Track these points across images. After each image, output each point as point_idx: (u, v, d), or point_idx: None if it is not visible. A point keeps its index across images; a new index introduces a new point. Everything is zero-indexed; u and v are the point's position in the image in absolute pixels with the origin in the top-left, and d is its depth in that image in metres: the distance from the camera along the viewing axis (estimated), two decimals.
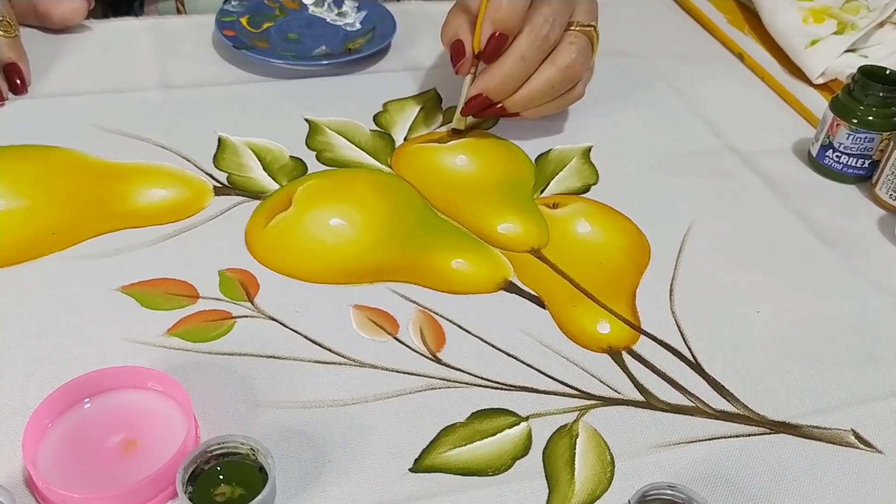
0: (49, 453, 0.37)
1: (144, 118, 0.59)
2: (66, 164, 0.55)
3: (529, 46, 0.54)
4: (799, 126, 0.67)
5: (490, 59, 0.55)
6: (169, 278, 0.47)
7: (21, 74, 0.60)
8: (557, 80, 0.56)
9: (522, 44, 0.54)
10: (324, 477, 0.38)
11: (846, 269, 0.53)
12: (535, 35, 0.54)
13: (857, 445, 0.42)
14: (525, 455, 0.40)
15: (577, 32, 0.56)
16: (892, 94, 0.57)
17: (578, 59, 0.56)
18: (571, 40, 0.56)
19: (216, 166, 0.56)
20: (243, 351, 0.43)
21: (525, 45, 0.54)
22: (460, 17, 0.57)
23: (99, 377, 0.39)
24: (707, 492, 0.39)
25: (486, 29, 0.54)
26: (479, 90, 0.56)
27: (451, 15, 0.58)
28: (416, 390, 0.42)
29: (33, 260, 0.47)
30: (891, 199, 0.57)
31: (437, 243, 0.51)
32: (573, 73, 0.56)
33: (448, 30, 0.57)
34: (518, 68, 0.55)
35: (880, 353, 0.47)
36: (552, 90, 0.56)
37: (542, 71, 0.56)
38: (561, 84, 0.56)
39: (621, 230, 0.54)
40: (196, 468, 0.36)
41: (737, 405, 0.43)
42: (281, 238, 0.51)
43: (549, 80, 0.56)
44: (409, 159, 0.58)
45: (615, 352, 0.46)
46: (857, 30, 0.70)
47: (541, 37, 0.54)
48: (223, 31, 0.67)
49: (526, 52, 0.54)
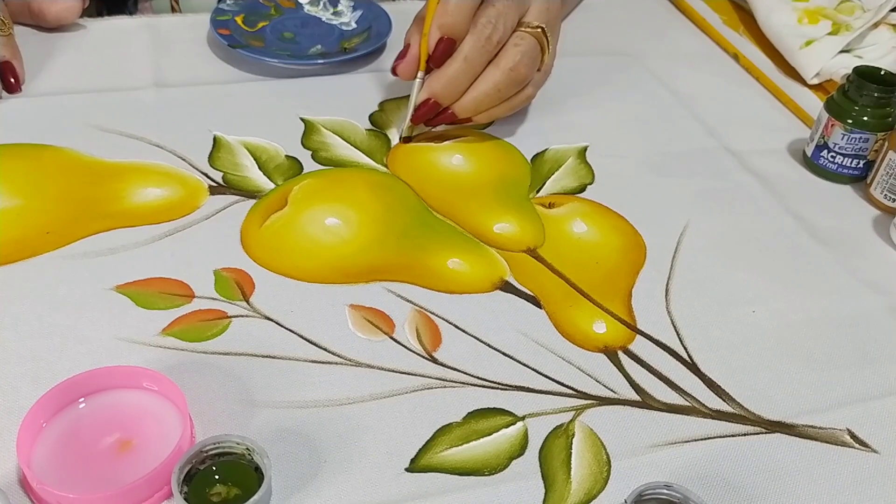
0: (44, 453, 0.37)
1: (139, 117, 0.59)
2: (60, 162, 0.54)
3: (472, 48, 0.54)
4: (794, 126, 0.67)
5: (438, 63, 0.56)
6: (164, 278, 0.47)
7: (15, 73, 0.60)
8: (502, 83, 0.55)
9: (466, 46, 0.54)
10: (320, 477, 0.38)
11: (841, 269, 0.53)
12: (479, 36, 0.54)
13: (853, 445, 0.42)
14: (521, 455, 0.40)
15: (523, 34, 0.56)
16: (886, 94, 0.57)
17: (523, 61, 0.55)
18: (516, 42, 0.55)
19: (211, 165, 0.56)
20: (239, 350, 0.43)
21: (468, 47, 0.54)
22: (415, 23, 0.58)
23: (93, 377, 0.39)
24: (703, 491, 0.39)
25: (434, 33, 0.55)
26: (427, 94, 0.56)
27: (412, 23, 0.58)
28: (412, 390, 0.42)
29: (27, 259, 0.47)
30: (885, 199, 0.58)
31: (432, 243, 0.51)
32: (517, 75, 0.55)
33: (406, 36, 0.58)
34: (462, 70, 0.55)
35: (875, 352, 0.47)
36: (498, 93, 0.56)
37: (487, 74, 0.55)
38: (506, 87, 0.56)
39: (617, 230, 0.54)
40: (191, 468, 0.36)
41: (732, 405, 0.43)
42: (276, 237, 0.50)
43: (494, 83, 0.55)
44: (404, 159, 0.58)
45: (611, 351, 0.46)
46: (852, 30, 0.71)
47: (483, 38, 0.54)
48: (218, 30, 0.67)
49: (469, 54, 0.54)
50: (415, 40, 0.57)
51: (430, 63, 0.56)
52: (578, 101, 0.66)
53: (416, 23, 0.58)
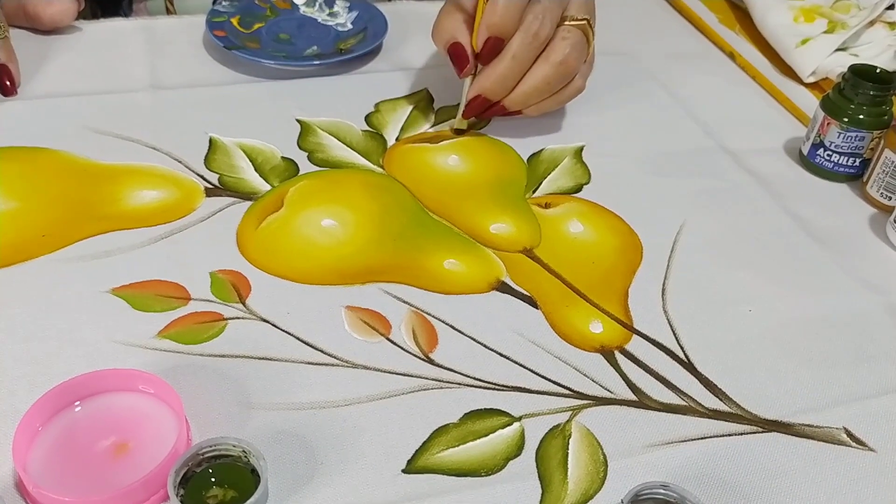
0: (40, 457, 0.37)
1: (135, 119, 0.59)
2: (56, 165, 0.54)
3: (520, 45, 0.55)
4: (790, 125, 0.67)
5: (486, 61, 0.56)
6: (160, 280, 0.47)
7: (10, 76, 0.60)
8: (552, 77, 0.56)
9: (514, 43, 0.55)
10: (316, 478, 0.38)
11: (838, 268, 0.53)
12: (526, 33, 0.54)
13: (849, 444, 0.42)
14: (518, 455, 0.40)
15: (569, 27, 0.56)
16: (882, 92, 0.57)
17: (572, 54, 0.56)
18: (564, 35, 0.56)
19: (207, 167, 0.56)
20: (235, 353, 0.43)
21: (516, 45, 0.55)
22: (455, 17, 0.57)
23: (89, 380, 0.39)
24: (700, 491, 0.39)
25: (482, 33, 0.55)
26: (477, 91, 0.57)
27: (445, 15, 0.58)
28: (408, 391, 0.42)
29: (23, 262, 0.47)
30: (882, 197, 0.58)
31: (429, 244, 0.51)
32: (567, 68, 0.56)
33: (443, 31, 0.58)
34: (511, 68, 0.55)
35: (872, 351, 0.47)
36: (548, 86, 0.56)
37: (537, 68, 0.56)
38: (556, 80, 0.56)
39: (613, 230, 0.54)
40: (188, 471, 0.36)
41: (729, 404, 0.43)
42: (273, 239, 0.50)
43: (544, 77, 0.56)
44: (400, 160, 0.58)
45: (608, 351, 0.46)
46: (848, 29, 0.71)
47: (531, 34, 0.54)
48: (214, 32, 0.67)
49: (517, 51, 0.55)
50: (463, 38, 0.56)
51: (479, 61, 0.56)
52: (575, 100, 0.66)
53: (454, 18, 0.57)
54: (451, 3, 0.58)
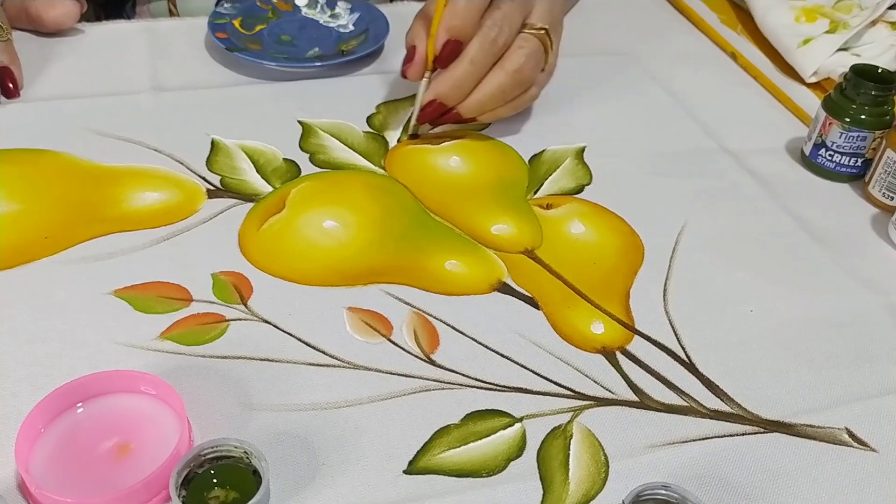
0: (42, 458, 0.37)
1: (137, 121, 0.59)
2: (58, 167, 0.54)
3: (478, 50, 0.55)
4: (792, 125, 0.67)
5: (444, 64, 0.56)
6: (162, 281, 0.47)
7: (13, 78, 0.60)
8: (507, 85, 0.56)
9: (472, 48, 0.55)
10: (318, 480, 0.38)
11: (839, 268, 0.53)
12: (485, 39, 0.54)
13: (851, 444, 0.42)
14: (519, 456, 0.40)
15: (527, 35, 0.56)
16: (884, 92, 0.57)
17: (527, 64, 0.56)
18: (521, 44, 0.56)
19: (209, 169, 0.56)
20: (237, 354, 0.43)
21: (474, 50, 0.55)
22: (419, 23, 0.58)
23: (92, 381, 0.39)
24: (701, 491, 0.39)
25: (441, 36, 0.55)
26: (433, 96, 0.56)
27: (414, 21, 0.58)
28: (410, 392, 0.42)
29: (25, 264, 0.47)
30: (884, 197, 0.58)
31: (430, 245, 0.51)
32: (522, 76, 0.56)
33: (409, 36, 0.58)
34: (468, 72, 0.55)
35: (874, 351, 0.47)
36: (503, 94, 0.56)
37: (492, 76, 0.56)
38: (511, 88, 0.56)
39: (615, 230, 0.54)
40: (190, 472, 0.36)
41: (730, 404, 0.43)
42: (274, 240, 0.50)
43: (499, 85, 0.56)
44: (402, 161, 0.58)
45: (609, 352, 0.46)
46: (850, 28, 0.71)
47: (489, 40, 0.54)
48: (216, 34, 0.67)
49: (475, 56, 0.55)
50: (421, 41, 0.57)
51: (437, 64, 0.56)
52: (576, 101, 0.66)
53: (418, 23, 0.58)
54: (420, 12, 0.58)
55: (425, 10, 0.57)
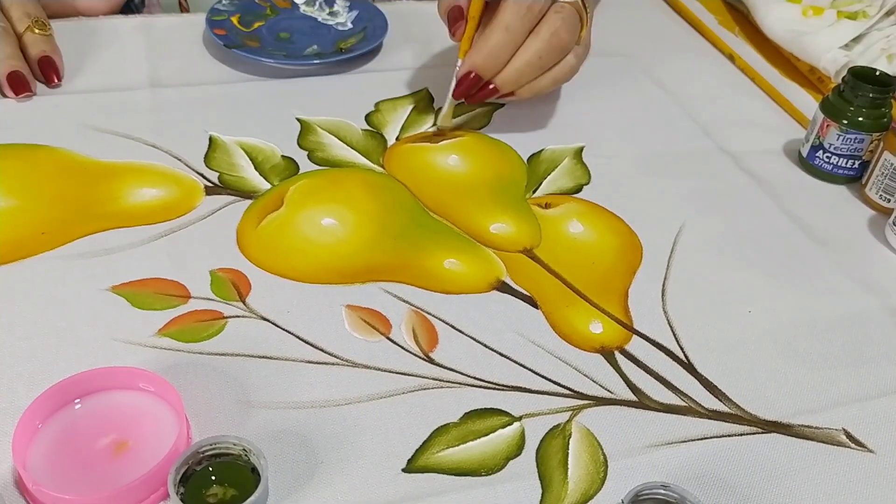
0: (39, 455, 0.36)
1: (135, 117, 0.59)
2: (55, 163, 0.54)
3: (513, 16, 0.54)
4: (789, 127, 0.67)
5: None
6: (160, 278, 0.47)
7: (55, 68, 0.61)
8: (544, 51, 0.55)
9: (507, 14, 0.54)
10: (316, 477, 0.38)
11: (837, 269, 0.53)
12: (520, 5, 0.54)
13: (849, 445, 0.42)
14: (518, 455, 0.40)
15: (562, 2, 0.55)
16: (881, 95, 0.58)
17: (563, 27, 0.55)
18: (556, 10, 0.55)
19: (207, 166, 0.56)
20: (235, 351, 0.43)
21: (509, 16, 0.54)
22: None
23: (89, 378, 0.39)
24: (700, 491, 0.39)
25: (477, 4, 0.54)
26: (468, 67, 0.55)
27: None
28: (408, 390, 0.42)
29: (22, 260, 0.47)
30: (881, 199, 0.58)
31: (429, 243, 0.51)
32: (559, 41, 0.55)
33: (444, 2, 0.57)
34: (504, 39, 0.54)
35: (871, 352, 0.47)
36: (540, 61, 0.55)
37: (528, 43, 0.55)
38: (548, 55, 0.55)
39: (613, 230, 0.54)
40: (188, 469, 0.36)
41: (729, 405, 0.43)
42: (273, 238, 0.50)
43: (535, 51, 0.55)
44: (401, 159, 0.58)
45: (608, 352, 0.46)
46: (869, 18, 0.70)
47: (524, 6, 0.54)
48: (214, 30, 0.66)
49: (510, 22, 0.54)
50: (464, 2, 0.56)
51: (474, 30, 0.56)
52: (575, 101, 0.66)
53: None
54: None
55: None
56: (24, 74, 0.59)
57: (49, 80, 0.61)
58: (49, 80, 0.61)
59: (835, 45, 0.69)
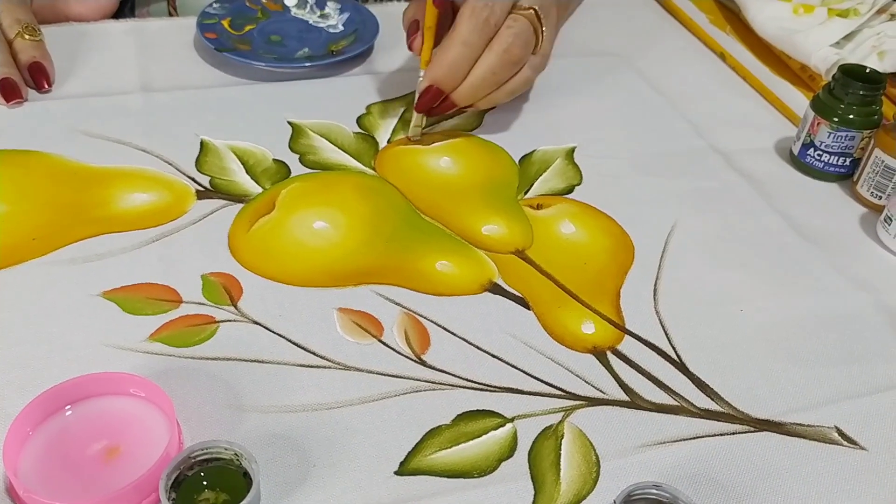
0: (30, 461, 0.36)
1: (125, 122, 0.59)
2: (46, 168, 0.54)
3: (471, 30, 0.54)
4: (780, 125, 0.67)
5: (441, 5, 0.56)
6: (151, 283, 0.47)
7: (46, 74, 0.61)
8: (497, 66, 0.55)
9: (463, 28, 0.54)
10: (309, 481, 0.38)
11: (829, 267, 0.53)
12: (476, 18, 0.54)
13: (841, 442, 0.42)
14: (511, 456, 0.40)
15: (515, 15, 0.56)
16: (872, 92, 0.58)
17: (516, 42, 0.55)
18: (509, 24, 0.55)
19: (198, 170, 0.56)
20: (227, 355, 0.43)
21: (466, 30, 0.54)
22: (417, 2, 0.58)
23: (80, 384, 0.39)
24: (692, 491, 0.39)
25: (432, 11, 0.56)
26: (429, 81, 0.56)
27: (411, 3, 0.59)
28: (400, 393, 0.42)
29: (13, 266, 0.47)
30: (872, 196, 0.58)
31: (421, 245, 0.51)
32: (511, 56, 0.56)
33: (407, 15, 0.59)
34: (462, 54, 0.55)
35: (863, 350, 0.48)
36: (494, 77, 0.56)
37: (482, 59, 0.55)
38: (502, 69, 0.56)
39: (605, 231, 0.54)
40: (179, 474, 0.36)
41: (721, 404, 0.43)
42: (264, 241, 0.50)
43: (489, 67, 0.55)
44: (392, 161, 0.58)
45: (600, 352, 0.46)
46: (860, 15, 0.70)
47: (481, 20, 0.54)
48: (205, 34, 0.66)
49: (468, 37, 0.54)
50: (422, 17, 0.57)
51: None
52: (566, 101, 0.66)
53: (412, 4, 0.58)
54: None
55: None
56: (15, 81, 0.59)
57: (40, 86, 0.61)
58: (40, 86, 0.61)
59: (826, 42, 0.69)
